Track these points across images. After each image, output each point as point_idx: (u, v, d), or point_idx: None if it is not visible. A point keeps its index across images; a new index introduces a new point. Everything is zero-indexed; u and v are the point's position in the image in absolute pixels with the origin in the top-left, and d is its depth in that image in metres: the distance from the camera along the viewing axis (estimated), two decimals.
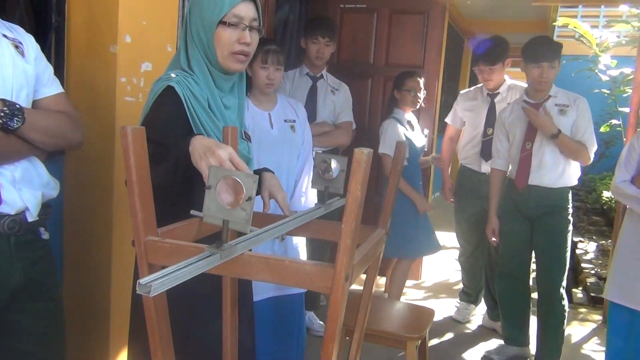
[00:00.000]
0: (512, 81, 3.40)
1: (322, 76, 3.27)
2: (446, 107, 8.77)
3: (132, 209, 1.07)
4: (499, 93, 3.34)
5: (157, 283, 0.85)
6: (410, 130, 3.32)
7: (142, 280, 0.84)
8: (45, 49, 1.95)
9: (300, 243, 2.66)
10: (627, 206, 2.54)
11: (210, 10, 1.46)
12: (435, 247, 3.38)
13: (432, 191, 8.17)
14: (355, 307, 1.33)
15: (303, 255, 2.64)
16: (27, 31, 1.51)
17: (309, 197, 2.77)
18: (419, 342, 1.95)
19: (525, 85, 3.00)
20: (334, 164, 1.36)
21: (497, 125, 3.04)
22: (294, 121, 2.72)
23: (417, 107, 3.34)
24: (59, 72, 2.09)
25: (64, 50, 2.15)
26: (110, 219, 2.15)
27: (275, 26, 4.24)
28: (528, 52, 2.80)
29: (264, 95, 2.54)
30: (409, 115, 3.38)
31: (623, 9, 5.65)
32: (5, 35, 1.40)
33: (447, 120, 3.66)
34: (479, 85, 3.47)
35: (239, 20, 1.47)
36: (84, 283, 2.23)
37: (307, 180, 2.77)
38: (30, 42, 1.47)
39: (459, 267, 3.75)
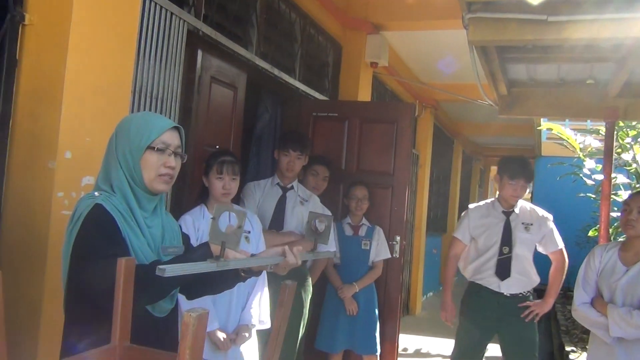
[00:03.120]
0: (521, 200, 3.33)
1: (292, 187, 3.31)
2: (436, 207, 8.71)
3: None
4: (513, 211, 3.26)
5: (169, 267, 1.26)
6: (352, 233, 3.74)
7: (161, 266, 1.24)
8: None
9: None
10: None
11: (138, 137, 1.59)
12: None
13: (424, 291, 7.99)
14: None
15: None
16: None
17: (262, 309, 2.69)
18: None
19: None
20: (319, 223, 1.80)
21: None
22: (249, 232, 2.71)
23: (360, 215, 3.74)
24: None
25: (4, 165, 2.17)
26: None
27: (255, 135, 4.36)
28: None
29: None
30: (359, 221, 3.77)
31: None
32: None
33: (457, 235, 3.38)
34: (489, 200, 3.41)
35: (166, 146, 1.62)
36: None
37: (259, 295, 2.70)
38: None
39: None
